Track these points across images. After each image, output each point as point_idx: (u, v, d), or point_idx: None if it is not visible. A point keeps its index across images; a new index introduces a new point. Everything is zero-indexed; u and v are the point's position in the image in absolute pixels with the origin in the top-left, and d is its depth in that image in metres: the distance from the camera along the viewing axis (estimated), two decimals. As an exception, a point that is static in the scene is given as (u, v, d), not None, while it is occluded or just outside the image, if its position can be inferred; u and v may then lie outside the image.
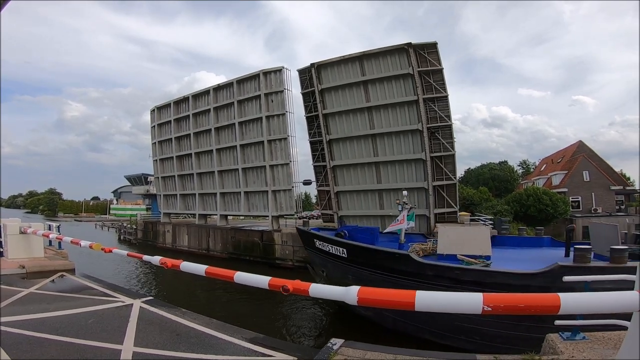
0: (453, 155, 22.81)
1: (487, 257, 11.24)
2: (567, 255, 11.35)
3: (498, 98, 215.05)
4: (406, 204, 14.34)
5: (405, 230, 14.59)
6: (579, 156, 42.20)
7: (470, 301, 2.47)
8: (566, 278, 4.62)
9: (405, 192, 15.42)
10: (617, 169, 46.05)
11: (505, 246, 14.44)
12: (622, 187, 40.50)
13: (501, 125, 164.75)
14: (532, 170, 66.87)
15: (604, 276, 4.86)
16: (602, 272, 8.55)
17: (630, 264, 8.85)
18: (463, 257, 11.38)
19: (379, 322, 12.32)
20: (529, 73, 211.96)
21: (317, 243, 15.12)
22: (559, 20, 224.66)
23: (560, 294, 2.35)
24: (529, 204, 33.86)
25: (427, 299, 2.65)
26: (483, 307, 2.38)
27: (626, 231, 13.45)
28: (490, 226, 24.01)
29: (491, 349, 8.72)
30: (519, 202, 34.64)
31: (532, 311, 2.43)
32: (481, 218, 26.84)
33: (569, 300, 2.36)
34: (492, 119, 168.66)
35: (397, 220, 14.19)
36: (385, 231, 14.50)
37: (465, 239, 12.11)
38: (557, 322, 4.20)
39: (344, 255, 13.52)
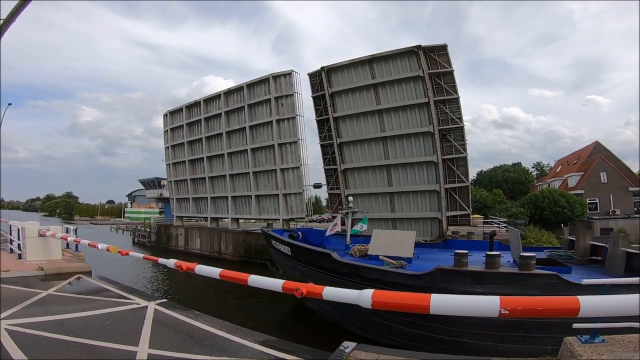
0: (465, 158, 22.53)
1: (409, 259, 11.95)
2: None
3: (509, 99, 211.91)
4: (351, 208, 15.69)
5: (361, 232, 15.91)
6: (596, 157, 41.23)
7: (487, 305, 2.43)
8: (585, 281, 4.52)
9: (350, 198, 16.69)
10: (634, 170, 44.84)
11: (456, 249, 14.45)
12: (640, 189, 39.42)
13: (513, 126, 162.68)
14: (546, 172, 65.66)
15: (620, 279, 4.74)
16: (474, 276, 9.00)
17: (502, 269, 9.11)
18: (384, 257, 12.07)
19: (321, 315, 13.17)
20: (540, 73, 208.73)
21: (273, 242, 16.34)
22: (569, 19, 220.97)
23: (580, 297, 2.30)
24: (544, 206, 33.19)
25: (443, 302, 2.61)
26: (500, 311, 2.34)
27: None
28: (504, 229, 23.64)
29: (398, 343, 9.32)
30: (535, 204, 33.99)
31: (550, 314, 2.38)
32: (495, 221, 26.46)
33: (588, 303, 2.31)
34: (503, 120, 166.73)
35: (334, 224, 15.62)
36: (326, 234, 15.57)
37: (393, 241, 12.81)
38: (575, 325, 4.10)
39: (289, 253, 14.84)
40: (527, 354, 7.72)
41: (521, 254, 9.20)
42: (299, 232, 16.99)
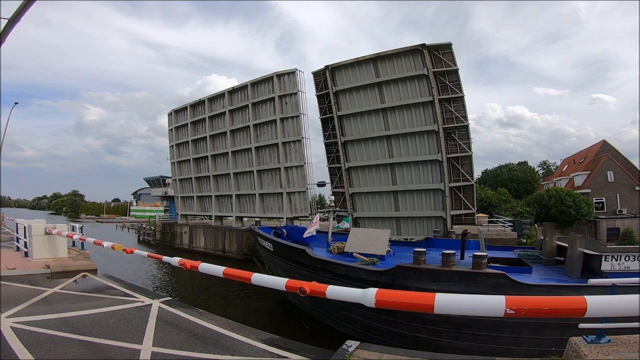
0: (470, 156, 22.42)
1: (381, 257, 12.32)
2: (462, 258, 11.97)
3: (513, 97, 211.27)
4: (333, 207, 16.64)
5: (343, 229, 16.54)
6: (603, 156, 40.81)
7: (492, 304, 2.40)
8: (591, 281, 4.46)
9: (332, 197, 17.37)
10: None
11: (437, 248, 14.80)
12: (647, 188, 38.90)
13: (518, 125, 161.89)
14: (553, 170, 65.11)
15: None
16: (430, 274, 9.45)
17: (455, 268, 9.41)
18: (357, 254, 12.53)
19: (300, 308, 14.01)
20: (546, 71, 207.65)
21: (259, 240, 17.01)
22: (574, 17, 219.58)
23: (587, 297, 2.26)
24: (550, 205, 32.92)
25: (447, 302, 2.58)
26: (505, 310, 2.31)
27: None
28: (510, 228, 23.48)
29: (366, 337, 9.92)
30: (540, 203, 33.74)
31: (557, 314, 2.34)
32: (500, 220, 26.24)
33: (595, 304, 2.27)
34: (508, 119, 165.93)
35: (312, 222, 16.39)
36: (305, 235, 16.02)
37: (369, 239, 13.22)
38: (581, 326, 4.05)
39: (271, 249, 15.62)
40: (477, 352, 8.02)
41: (474, 253, 9.51)
42: (284, 230, 17.45)
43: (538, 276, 9.96)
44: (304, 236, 15.90)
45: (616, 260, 9.02)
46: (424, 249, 10.20)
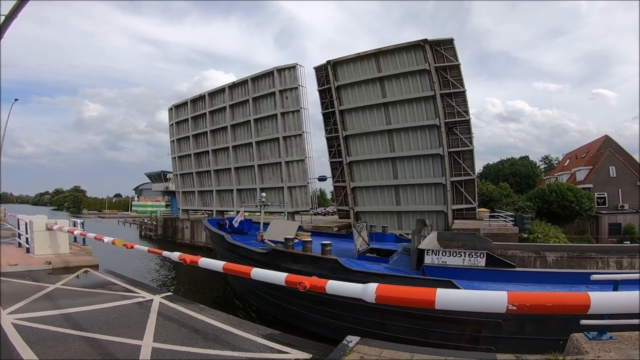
0: (471, 151, 22.34)
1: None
2: (356, 249, 13.50)
3: (513, 92, 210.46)
4: (264, 202, 17.95)
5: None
6: (605, 151, 40.59)
7: (494, 300, 2.37)
8: (594, 277, 4.42)
9: (263, 194, 18.97)
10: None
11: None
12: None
13: (518, 120, 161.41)
14: (555, 165, 64.91)
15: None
16: (292, 256, 11.13)
17: (309, 253, 10.89)
18: (268, 241, 14.14)
19: (234, 288, 16.32)
20: (547, 66, 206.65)
21: (206, 228, 19.57)
22: (576, 13, 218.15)
23: (591, 293, 2.23)
24: (551, 200, 32.82)
25: (449, 298, 2.55)
26: (507, 306, 2.28)
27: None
28: (512, 223, 23.42)
29: (264, 308, 12.70)
30: (542, 198, 33.62)
31: (560, 310, 2.31)
32: (501, 215, 26.14)
33: (599, 300, 2.24)
34: (508, 113, 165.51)
35: (238, 215, 18.42)
36: (233, 222, 18.17)
37: (282, 229, 14.88)
38: (583, 322, 4.03)
39: (209, 236, 18.40)
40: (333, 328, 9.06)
41: (321, 242, 10.80)
42: (227, 221, 18.88)
43: (387, 266, 11.09)
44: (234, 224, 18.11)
45: (435, 255, 9.94)
46: (293, 236, 12.25)
